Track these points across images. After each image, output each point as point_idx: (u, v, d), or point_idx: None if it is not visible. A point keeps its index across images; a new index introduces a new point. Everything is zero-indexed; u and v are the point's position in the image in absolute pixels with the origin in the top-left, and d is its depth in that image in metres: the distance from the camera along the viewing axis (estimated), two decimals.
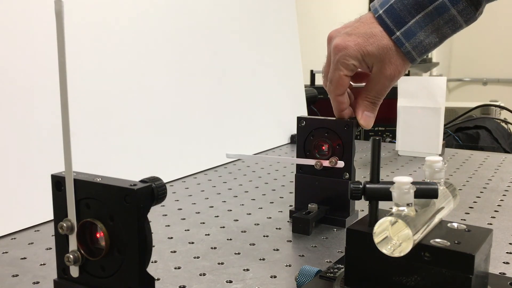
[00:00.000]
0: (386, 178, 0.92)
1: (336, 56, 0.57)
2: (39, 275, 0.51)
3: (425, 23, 0.54)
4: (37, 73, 0.69)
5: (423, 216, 0.36)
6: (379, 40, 0.56)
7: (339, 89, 0.59)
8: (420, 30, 0.55)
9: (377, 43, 0.56)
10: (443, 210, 0.40)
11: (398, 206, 0.35)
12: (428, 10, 0.54)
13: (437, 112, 1.05)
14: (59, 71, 0.33)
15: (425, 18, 0.54)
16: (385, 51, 0.56)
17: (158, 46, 0.90)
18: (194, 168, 0.95)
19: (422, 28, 0.55)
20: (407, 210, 0.35)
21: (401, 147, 1.11)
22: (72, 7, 0.74)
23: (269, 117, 1.21)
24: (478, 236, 0.37)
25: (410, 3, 0.54)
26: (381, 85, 0.58)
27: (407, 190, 0.35)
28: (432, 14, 0.54)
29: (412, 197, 0.35)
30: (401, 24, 0.55)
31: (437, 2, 0.53)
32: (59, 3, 0.31)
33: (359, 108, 0.61)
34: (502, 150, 1.65)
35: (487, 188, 0.85)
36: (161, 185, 0.35)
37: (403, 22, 0.55)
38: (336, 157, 0.64)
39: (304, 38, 1.60)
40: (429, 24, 0.54)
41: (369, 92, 0.60)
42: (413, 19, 0.54)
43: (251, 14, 1.19)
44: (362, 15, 0.59)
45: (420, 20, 0.54)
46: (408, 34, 0.55)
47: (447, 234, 0.37)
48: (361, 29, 0.57)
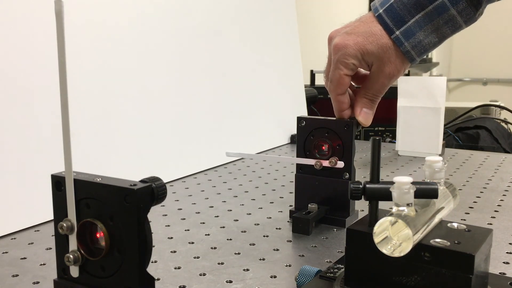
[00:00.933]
0: (386, 178, 0.92)
1: (336, 55, 0.58)
2: (39, 275, 0.51)
3: (424, 22, 0.54)
4: (37, 73, 0.69)
5: (423, 216, 0.36)
6: (378, 39, 0.56)
7: (339, 88, 0.59)
8: (419, 29, 0.55)
9: (377, 42, 0.56)
10: (443, 210, 0.40)
11: (398, 206, 0.35)
12: (428, 9, 0.54)
13: (437, 112, 1.05)
14: (59, 71, 0.33)
15: (425, 17, 0.54)
16: (384, 50, 0.56)
17: (158, 46, 0.90)
18: (194, 168, 0.95)
19: (422, 27, 0.55)
20: (407, 210, 0.35)
21: (401, 147, 1.11)
22: (72, 7, 0.74)
23: (269, 117, 1.21)
24: (478, 236, 0.37)
25: (410, 3, 0.54)
26: (380, 84, 0.59)
27: (407, 190, 0.35)
28: (432, 14, 0.54)
29: (412, 197, 0.35)
30: (401, 24, 0.55)
31: (436, 2, 0.53)
32: (59, 3, 0.31)
33: (358, 105, 0.61)
34: (502, 150, 1.65)
35: (487, 188, 0.85)
36: (161, 185, 0.35)
37: (402, 22, 0.55)
38: (336, 157, 0.64)
39: (304, 38, 1.60)
40: (429, 24, 0.54)
41: (368, 90, 0.60)
42: (413, 19, 0.54)
43: (251, 14, 1.19)
44: (362, 15, 0.59)
45: (420, 19, 0.54)
46: (407, 34, 0.55)
47: (447, 234, 0.37)
48: (361, 28, 0.57)
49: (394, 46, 0.56)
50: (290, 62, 1.34)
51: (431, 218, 0.37)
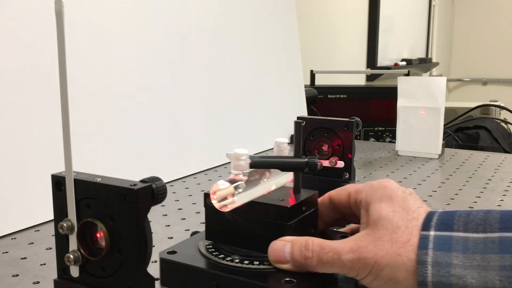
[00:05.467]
0: (386, 178, 0.92)
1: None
2: (39, 275, 0.51)
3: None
4: (37, 73, 0.69)
5: (252, 182, 0.44)
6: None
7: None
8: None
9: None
10: (280, 179, 0.48)
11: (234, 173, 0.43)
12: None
13: (437, 112, 1.05)
14: (59, 71, 0.33)
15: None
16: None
17: (158, 46, 0.90)
18: (194, 168, 0.95)
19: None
20: (241, 177, 0.42)
21: (401, 147, 1.11)
22: (72, 7, 0.74)
23: (269, 117, 1.21)
24: (302, 196, 0.46)
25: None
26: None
27: (243, 160, 0.42)
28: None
29: (246, 167, 0.43)
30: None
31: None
32: (59, 3, 0.31)
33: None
34: (502, 150, 1.66)
35: (487, 188, 0.85)
36: (161, 185, 0.35)
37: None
38: (336, 157, 0.64)
39: (304, 38, 1.60)
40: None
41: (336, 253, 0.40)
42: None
43: (251, 14, 1.19)
44: (420, 208, 0.41)
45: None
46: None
47: (281, 194, 0.46)
48: (400, 238, 0.38)
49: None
50: (290, 62, 1.35)
51: (258, 183, 0.44)
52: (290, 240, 0.41)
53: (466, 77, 4.50)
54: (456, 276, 0.35)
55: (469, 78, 4.49)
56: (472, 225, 0.37)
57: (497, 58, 4.31)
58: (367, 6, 2.78)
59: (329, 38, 2.40)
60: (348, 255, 0.38)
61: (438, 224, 0.38)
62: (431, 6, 3.97)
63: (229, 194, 0.41)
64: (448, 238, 0.37)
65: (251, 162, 0.44)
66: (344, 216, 0.48)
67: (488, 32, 4.33)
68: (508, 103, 2.13)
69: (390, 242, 0.38)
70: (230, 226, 0.45)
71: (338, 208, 0.47)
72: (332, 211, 0.48)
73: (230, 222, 0.45)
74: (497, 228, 0.36)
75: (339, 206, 0.47)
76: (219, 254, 0.44)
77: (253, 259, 0.42)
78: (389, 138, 1.61)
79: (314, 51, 2.18)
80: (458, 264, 0.36)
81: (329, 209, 0.48)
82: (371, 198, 0.42)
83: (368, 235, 0.39)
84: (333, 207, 0.48)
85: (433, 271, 0.36)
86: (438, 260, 0.36)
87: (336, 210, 0.48)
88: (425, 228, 0.38)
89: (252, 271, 0.41)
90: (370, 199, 0.42)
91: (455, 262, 0.36)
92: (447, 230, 0.37)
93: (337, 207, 0.47)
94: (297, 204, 0.44)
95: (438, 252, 0.36)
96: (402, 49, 3.38)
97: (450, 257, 0.36)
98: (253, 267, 0.41)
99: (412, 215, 0.39)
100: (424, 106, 1.06)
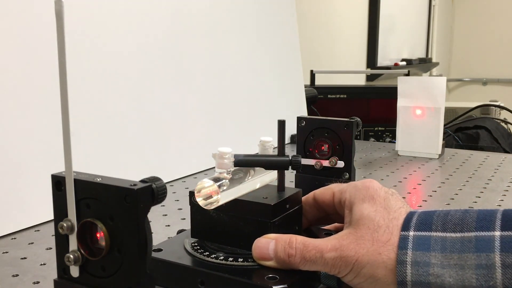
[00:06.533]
0: (385, 177, 0.92)
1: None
2: (39, 275, 0.51)
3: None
4: (37, 73, 0.69)
5: (236, 181, 0.45)
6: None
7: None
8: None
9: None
10: (262, 177, 0.49)
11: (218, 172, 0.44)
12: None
13: (437, 112, 1.05)
14: (59, 71, 0.33)
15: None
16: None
17: (158, 46, 0.90)
18: (194, 168, 0.95)
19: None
20: (225, 175, 0.43)
21: (401, 147, 1.11)
22: (72, 7, 0.74)
23: (269, 117, 1.21)
24: (286, 194, 0.46)
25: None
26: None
27: (227, 158, 0.44)
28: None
29: (230, 165, 0.44)
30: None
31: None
32: (59, 3, 0.31)
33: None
34: (502, 150, 1.66)
35: (487, 188, 0.85)
36: (161, 185, 0.35)
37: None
38: (336, 157, 0.64)
39: (304, 38, 1.60)
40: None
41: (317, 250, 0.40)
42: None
43: (251, 14, 1.19)
44: (401, 208, 0.41)
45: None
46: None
47: (266, 193, 0.47)
48: (381, 237, 0.39)
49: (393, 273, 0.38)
50: (290, 62, 1.35)
51: (242, 182, 0.46)
52: (274, 237, 0.42)
53: (466, 77, 4.50)
54: (434, 275, 0.36)
55: (469, 78, 4.48)
56: (450, 225, 0.38)
57: (497, 58, 4.31)
58: (367, 6, 2.78)
59: (329, 38, 2.40)
60: (330, 253, 0.39)
61: (418, 224, 0.39)
62: (431, 6, 3.97)
63: (214, 192, 0.42)
64: (427, 238, 0.38)
65: (235, 161, 0.45)
66: (328, 215, 0.49)
67: (488, 32, 4.33)
68: (508, 103, 2.13)
69: (371, 241, 0.39)
70: (215, 224, 0.46)
71: (322, 207, 0.48)
72: (316, 209, 0.49)
73: (215, 220, 0.46)
74: (473, 228, 0.37)
75: (323, 205, 0.48)
76: (204, 252, 0.44)
77: (238, 256, 0.43)
78: (389, 138, 1.61)
79: (314, 51, 2.18)
80: (436, 263, 0.36)
81: (313, 208, 0.49)
82: (354, 198, 0.43)
83: (350, 234, 0.40)
84: (317, 206, 0.48)
85: (412, 270, 0.37)
86: (417, 259, 0.37)
87: (320, 209, 0.48)
88: (404, 228, 0.39)
89: (236, 268, 0.42)
90: (353, 199, 0.43)
91: (433, 262, 0.37)
92: (426, 230, 0.38)
93: (321, 206, 0.48)
94: (281, 201, 0.45)
95: (417, 252, 0.37)
96: (402, 49, 3.38)
97: (428, 256, 0.37)
98: (237, 264, 0.42)
99: (393, 215, 0.40)
100: (424, 106, 1.06)
